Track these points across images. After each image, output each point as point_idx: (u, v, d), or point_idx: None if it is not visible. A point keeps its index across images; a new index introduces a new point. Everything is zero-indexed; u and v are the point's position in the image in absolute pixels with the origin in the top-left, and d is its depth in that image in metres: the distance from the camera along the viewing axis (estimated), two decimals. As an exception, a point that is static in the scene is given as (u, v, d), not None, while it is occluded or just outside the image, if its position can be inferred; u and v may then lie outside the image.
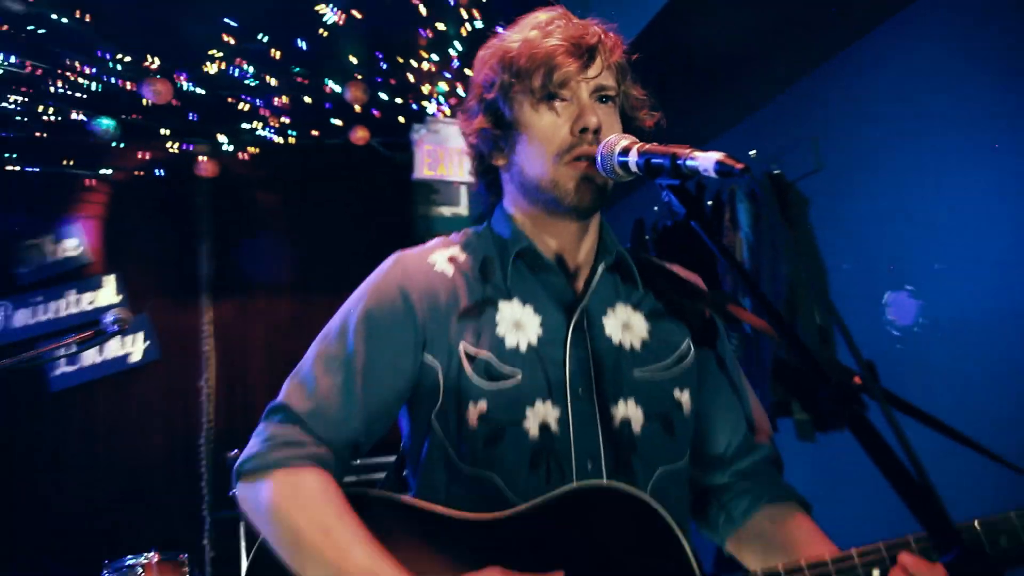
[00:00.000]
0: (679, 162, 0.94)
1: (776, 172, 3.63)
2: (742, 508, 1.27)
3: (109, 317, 2.17)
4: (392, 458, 1.36)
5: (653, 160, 1.00)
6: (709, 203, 4.12)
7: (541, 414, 1.15)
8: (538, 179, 1.19)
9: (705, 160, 0.89)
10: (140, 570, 3.24)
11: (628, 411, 1.18)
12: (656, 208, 4.60)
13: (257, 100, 4.04)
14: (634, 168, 1.03)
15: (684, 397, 1.24)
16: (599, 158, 1.10)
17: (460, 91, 4.30)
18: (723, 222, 3.95)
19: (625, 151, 1.05)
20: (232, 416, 4.88)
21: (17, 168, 4.46)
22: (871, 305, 3.23)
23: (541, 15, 1.23)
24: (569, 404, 1.16)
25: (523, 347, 1.17)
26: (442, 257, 1.28)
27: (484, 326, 1.19)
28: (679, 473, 1.24)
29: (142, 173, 4.72)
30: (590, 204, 1.18)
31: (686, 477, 1.27)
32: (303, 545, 1.06)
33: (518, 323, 1.19)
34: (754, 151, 3.74)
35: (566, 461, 1.14)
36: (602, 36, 1.20)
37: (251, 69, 3.69)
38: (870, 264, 3.26)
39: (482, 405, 1.15)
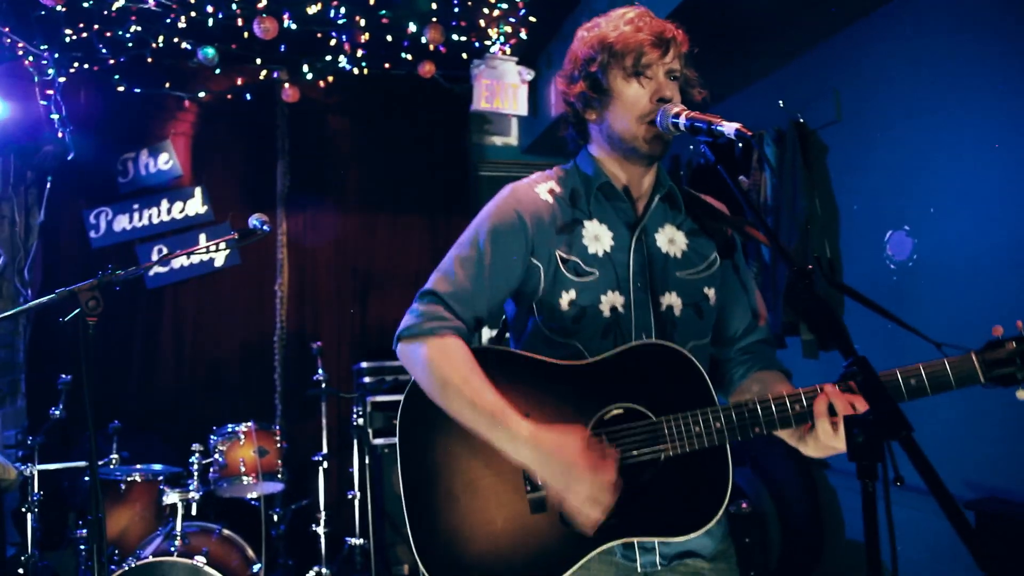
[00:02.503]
0: (712, 127, 1.40)
1: (800, 120, 4.04)
2: (740, 373, 1.70)
3: (255, 220, 2.61)
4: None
5: (696, 123, 1.43)
6: (740, 145, 4.55)
7: (611, 300, 1.57)
8: (622, 133, 1.59)
9: (728, 127, 1.37)
10: (242, 436, 3.86)
11: (671, 300, 1.60)
12: (691, 147, 5.03)
13: (343, 36, 4.46)
14: (683, 127, 1.47)
15: (711, 292, 1.66)
16: (659, 118, 1.53)
17: (522, 34, 4.68)
18: (751, 162, 4.40)
19: (677, 115, 1.48)
20: (302, 316, 5.37)
21: (122, 88, 4.91)
22: (875, 241, 3.69)
23: (630, 12, 1.62)
24: (631, 293, 1.58)
25: (600, 253, 1.59)
26: (544, 188, 1.67)
27: (573, 238, 1.60)
28: (704, 348, 1.65)
29: (231, 97, 5.13)
30: (659, 154, 1.60)
31: (709, 351, 1.69)
32: (449, 387, 1.49)
33: (596, 236, 1.61)
34: (781, 101, 4.15)
35: (627, 333, 1.57)
36: (675, 33, 1.61)
37: (343, 9, 4.13)
38: (876, 206, 3.71)
39: (572, 294, 1.57)
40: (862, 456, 1.09)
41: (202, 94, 5.11)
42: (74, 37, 4.43)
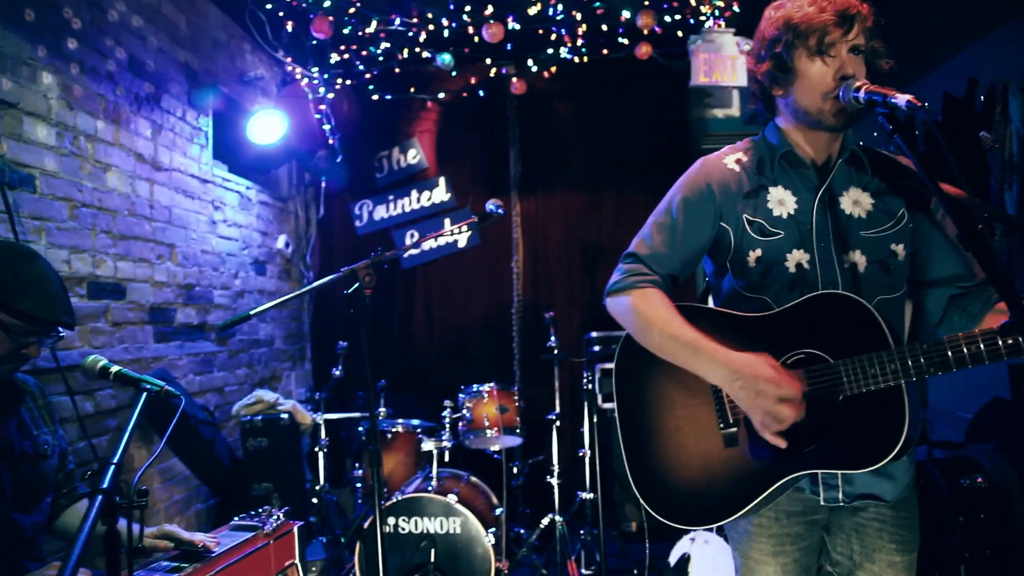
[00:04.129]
0: (887, 99, 1.49)
1: (1052, 65, 3.71)
2: (977, 307, 1.69)
3: (491, 205, 2.99)
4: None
5: (873, 96, 1.53)
6: (982, 98, 4.23)
7: (796, 257, 1.70)
8: (808, 108, 1.68)
9: (901, 99, 1.46)
10: (485, 394, 4.37)
11: (855, 258, 1.69)
12: (927, 104, 4.74)
13: (562, 30, 4.80)
14: (862, 100, 1.56)
15: (899, 248, 1.71)
16: (841, 92, 1.62)
17: (735, 7, 4.71)
18: (994, 115, 4.09)
19: (858, 89, 1.57)
20: (536, 290, 5.82)
21: (376, 97, 5.67)
22: None
23: None
24: (815, 251, 1.69)
25: (784, 216, 1.72)
26: (731, 159, 1.83)
27: (759, 203, 1.75)
28: (895, 301, 1.71)
29: (466, 94, 5.68)
30: (842, 126, 1.69)
31: (901, 304, 1.73)
32: (653, 327, 1.72)
33: (781, 201, 1.74)
34: (1028, 46, 3.82)
35: (814, 288, 1.68)
36: (860, 8, 1.66)
37: (560, 7, 4.47)
38: None
39: (758, 252, 1.72)
40: (1027, 401, 1.18)
41: (441, 94, 5.73)
42: (338, 59, 5.19)
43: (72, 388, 3.13)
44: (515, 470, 4.67)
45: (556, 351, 4.49)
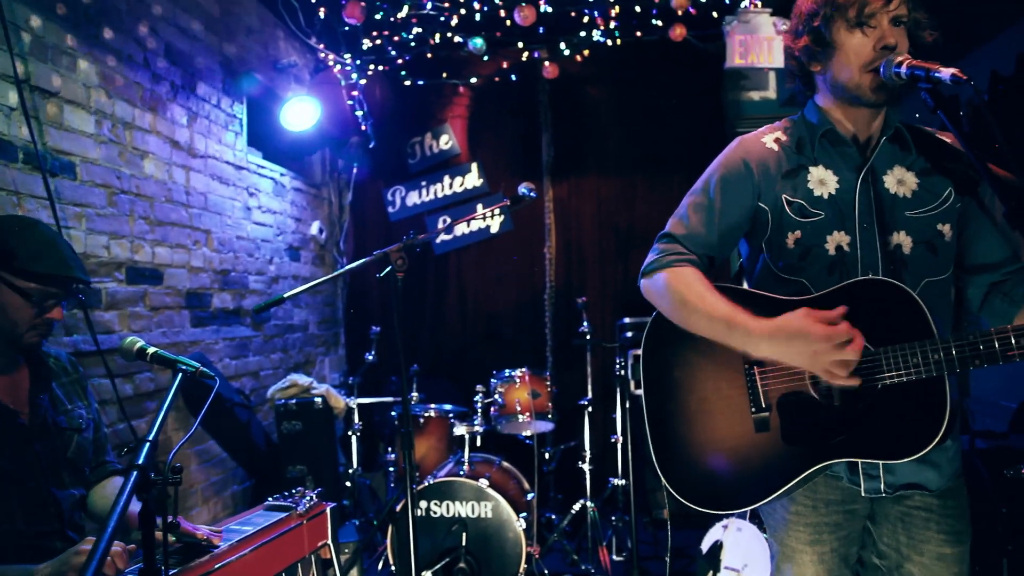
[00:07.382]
0: (931, 73, 1.44)
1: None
2: (1021, 292, 1.63)
3: (523, 188, 2.97)
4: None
5: (915, 71, 1.48)
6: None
7: (837, 239, 1.66)
8: (846, 83, 1.64)
9: (945, 72, 1.41)
10: (517, 379, 4.36)
11: (900, 239, 1.64)
12: (972, 83, 4.60)
13: (595, 12, 4.74)
14: (904, 76, 1.51)
15: (945, 228, 1.65)
16: (882, 68, 1.57)
17: (772, -14, 4.63)
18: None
19: (899, 64, 1.52)
20: (569, 276, 5.79)
21: (408, 83, 5.67)
22: None
23: None
24: (857, 233, 1.65)
25: (825, 196, 1.68)
26: (770, 138, 1.79)
27: (799, 183, 1.71)
28: (942, 283, 1.65)
29: (498, 79, 5.65)
30: (883, 102, 1.64)
31: (949, 287, 1.67)
32: (687, 304, 1.68)
33: (822, 180, 1.70)
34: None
35: (853, 271, 1.64)
36: None
37: (595, -12, 4.44)
38: None
39: (797, 233, 1.68)
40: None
41: (473, 79, 5.70)
42: (370, 44, 5.20)
43: (112, 371, 3.19)
44: (547, 455, 4.68)
45: (588, 336, 4.47)
